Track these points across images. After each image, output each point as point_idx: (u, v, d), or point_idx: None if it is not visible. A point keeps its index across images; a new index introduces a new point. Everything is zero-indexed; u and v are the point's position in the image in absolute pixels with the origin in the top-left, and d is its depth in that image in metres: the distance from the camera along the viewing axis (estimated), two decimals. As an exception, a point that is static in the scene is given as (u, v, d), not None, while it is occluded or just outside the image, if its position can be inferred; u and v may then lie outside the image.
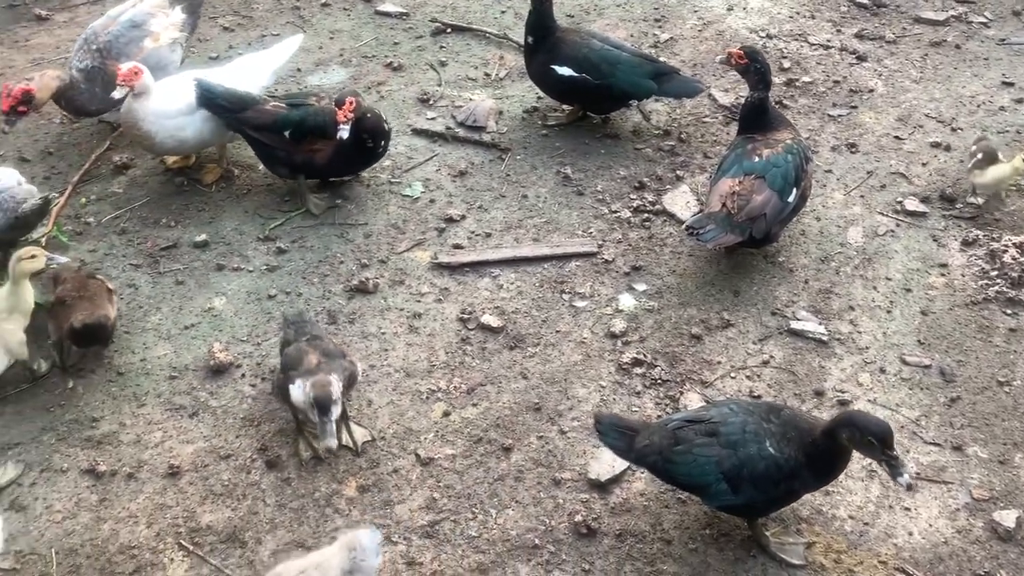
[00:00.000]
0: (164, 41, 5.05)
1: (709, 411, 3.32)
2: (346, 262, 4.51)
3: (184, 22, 5.25)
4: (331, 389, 3.26)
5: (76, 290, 3.83)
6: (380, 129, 4.66)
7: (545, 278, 4.45)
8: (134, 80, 4.49)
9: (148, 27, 5.06)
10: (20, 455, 3.60)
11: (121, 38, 4.97)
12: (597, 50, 5.14)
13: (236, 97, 4.61)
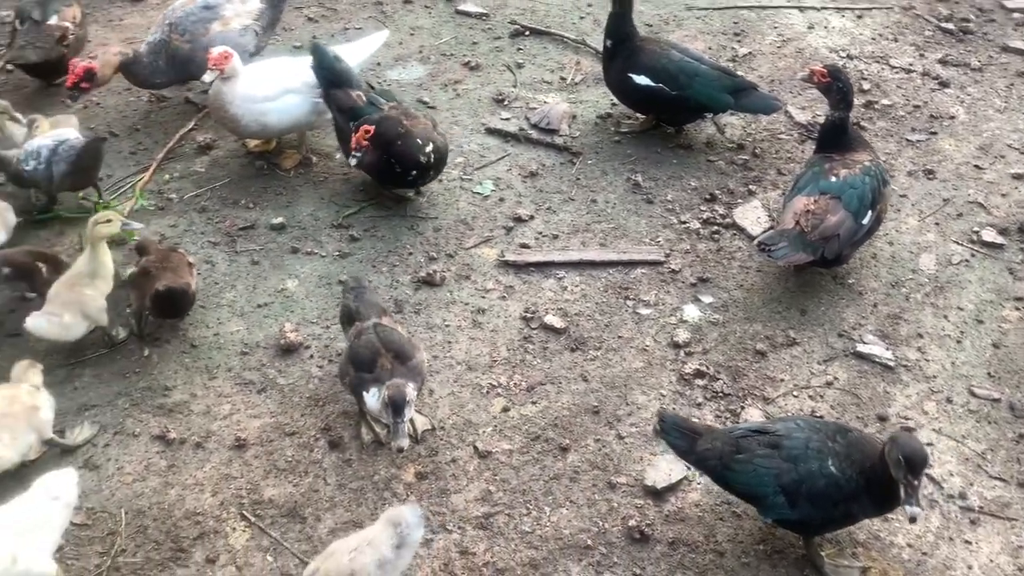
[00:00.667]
0: (234, 26, 5.16)
1: (775, 424, 3.31)
2: (415, 254, 4.59)
3: (261, 12, 5.32)
4: (405, 390, 3.30)
5: (159, 261, 3.97)
6: (409, 158, 4.50)
7: (610, 283, 4.47)
8: (223, 64, 4.63)
9: (221, 11, 5.19)
10: (96, 416, 3.74)
11: (191, 16, 5.12)
12: (676, 61, 5.15)
13: (339, 71, 4.74)
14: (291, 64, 4.95)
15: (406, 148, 4.50)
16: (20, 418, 3.40)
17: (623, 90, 5.29)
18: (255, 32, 5.29)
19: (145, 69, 5.04)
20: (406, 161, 4.52)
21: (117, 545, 3.30)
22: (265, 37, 5.42)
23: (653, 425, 3.75)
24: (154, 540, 3.33)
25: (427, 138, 4.55)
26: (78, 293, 3.81)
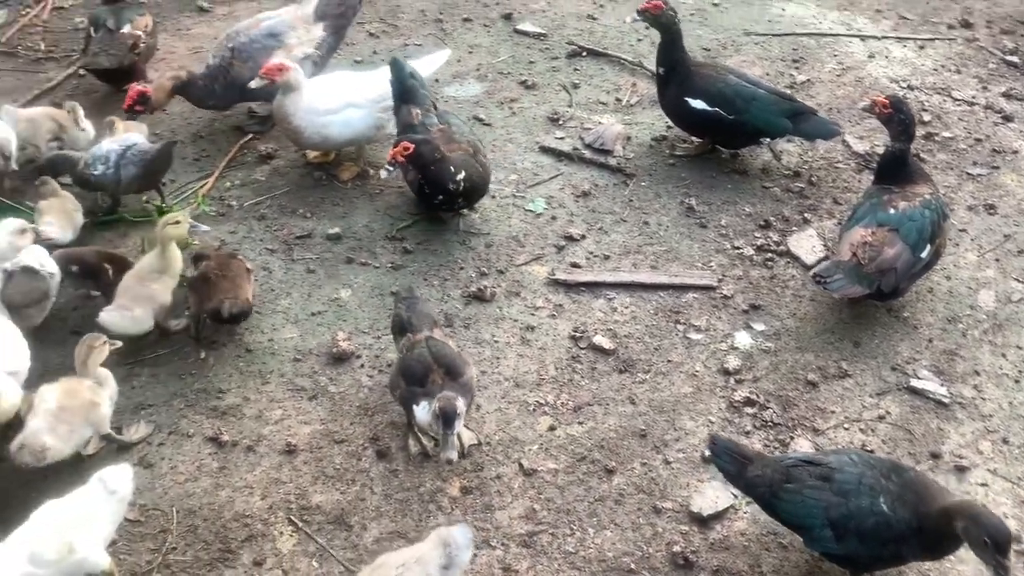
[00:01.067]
0: (296, 55, 5.23)
1: (828, 456, 3.27)
2: (466, 268, 4.63)
3: (322, 40, 5.38)
4: (456, 403, 3.33)
5: (219, 268, 4.06)
6: (439, 183, 4.48)
7: (660, 306, 4.46)
8: (276, 75, 4.72)
9: (284, 38, 5.27)
10: (151, 416, 3.83)
11: (255, 43, 5.21)
12: (732, 85, 5.14)
13: (407, 88, 4.82)
14: (354, 78, 5.05)
15: (438, 173, 4.46)
16: (78, 413, 3.50)
17: (679, 114, 5.30)
18: (314, 61, 5.36)
19: (199, 91, 5.15)
20: (436, 185, 4.51)
21: (168, 543, 3.37)
22: (323, 64, 5.46)
23: (705, 448, 3.74)
24: (204, 540, 3.40)
25: (462, 167, 4.50)
26: (147, 288, 3.95)
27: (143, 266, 4.05)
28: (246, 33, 5.26)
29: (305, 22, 5.39)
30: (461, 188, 4.52)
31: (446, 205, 4.66)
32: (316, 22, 5.41)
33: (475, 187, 4.62)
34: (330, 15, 5.43)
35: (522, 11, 6.76)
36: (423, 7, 6.80)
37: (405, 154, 4.38)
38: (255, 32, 5.26)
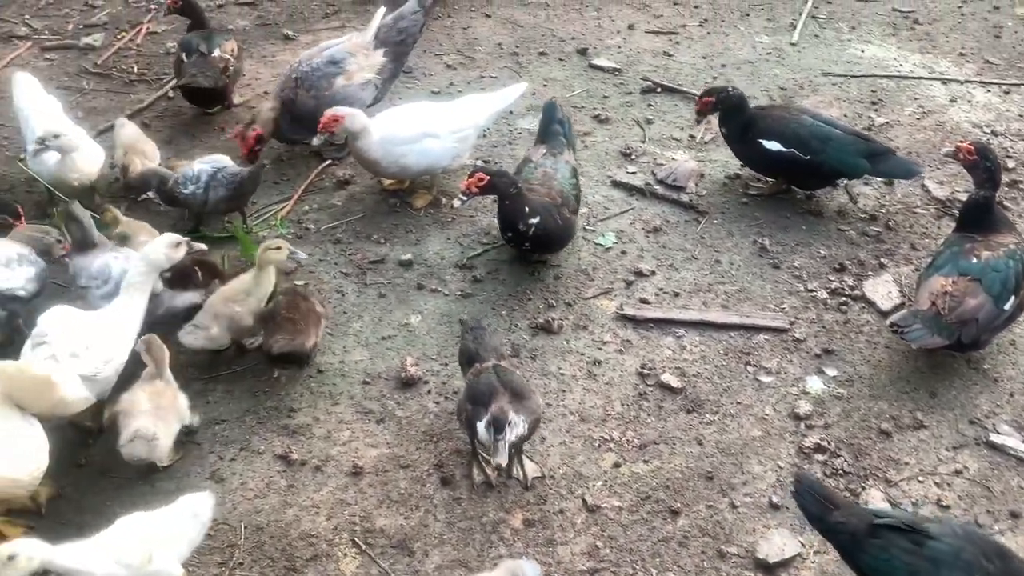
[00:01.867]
0: (356, 80, 5.35)
1: (929, 522, 3.13)
2: (534, 299, 4.65)
3: (383, 66, 5.48)
4: (508, 411, 3.38)
5: (287, 308, 4.05)
6: (508, 219, 4.51)
7: (730, 347, 4.41)
8: (332, 127, 4.80)
9: (345, 65, 5.38)
10: (225, 431, 3.92)
11: (316, 72, 5.33)
12: (807, 126, 5.09)
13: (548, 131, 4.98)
14: (432, 109, 5.15)
15: (509, 209, 4.47)
16: (170, 410, 3.67)
17: (752, 157, 5.26)
18: (375, 86, 5.45)
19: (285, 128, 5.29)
20: (506, 221, 4.52)
21: (235, 558, 3.43)
22: (385, 89, 5.56)
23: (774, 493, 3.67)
24: (270, 556, 3.45)
25: (538, 211, 4.45)
26: (230, 308, 4.06)
27: (234, 287, 4.15)
28: (308, 62, 5.40)
29: (365, 49, 5.49)
30: (532, 232, 4.48)
31: (514, 244, 4.66)
32: (376, 48, 5.50)
33: (548, 236, 4.55)
34: (391, 42, 5.54)
35: (597, 46, 6.82)
36: (500, 40, 6.91)
37: (479, 185, 4.43)
38: (317, 60, 5.39)
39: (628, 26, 7.13)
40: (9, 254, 4.06)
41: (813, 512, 3.21)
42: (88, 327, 3.71)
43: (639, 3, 7.48)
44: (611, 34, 7.02)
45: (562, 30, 7.05)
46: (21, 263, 4.07)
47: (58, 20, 7.01)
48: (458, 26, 7.08)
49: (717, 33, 7.12)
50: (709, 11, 7.43)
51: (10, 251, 4.08)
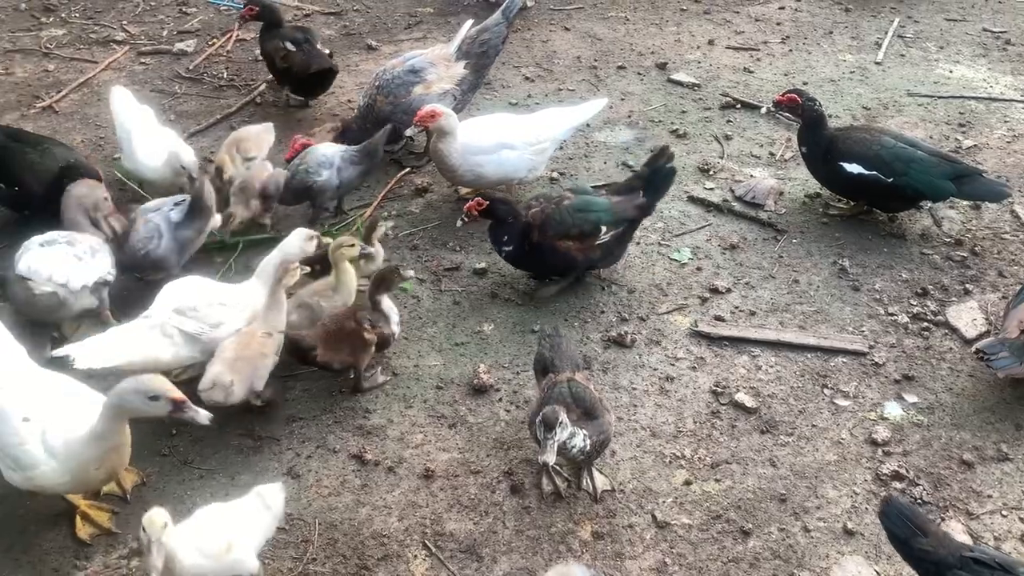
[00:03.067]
0: (434, 90, 5.44)
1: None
2: (607, 313, 4.65)
3: (463, 77, 5.56)
4: (559, 413, 3.38)
5: (334, 323, 4.06)
6: (499, 242, 4.55)
7: (807, 368, 4.34)
8: (428, 122, 4.91)
9: (424, 75, 5.48)
10: (302, 428, 4.01)
11: (396, 80, 5.45)
12: (889, 147, 4.99)
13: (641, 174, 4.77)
14: (510, 120, 5.20)
15: (502, 232, 4.51)
16: (250, 362, 3.84)
17: (833, 180, 5.17)
18: (453, 96, 5.51)
19: (356, 134, 5.40)
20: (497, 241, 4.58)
21: (309, 553, 3.51)
22: (464, 100, 5.63)
23: (849, 518, 3.60)
24: (342, 554, 3.52)
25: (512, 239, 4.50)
26: (313, 302, 4.21)
27: (321, 283, 4.29)
28: (390, 71, 5.52)
29: (447, 60, 5.58)
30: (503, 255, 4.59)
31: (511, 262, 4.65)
32: (458, 60, 5.59)
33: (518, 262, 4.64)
34: (472, 54, 5.62)
35: (677, 61, 6.81)
36: (578, 54, 6.95)
37: (478, 209, 4.50)
38: (398, 69, 5.51)
39: (708, 41, 7.10)
40: (87, 245, 4.21)
41: (899, 536, 3.12)
42: (205, 293, 3.96)
43: (720, 19, 7.44)
44: (691, 49, 7.00)
45: (641, 44, 7.06)
46: (98, 252, 4.23)
47: (153, 26, 7.30)
48: (537, 39, 7.14)
49: (799, 50, 7.03)
50: (791, 28, 7.35)
51: (87, 243, 4.23)
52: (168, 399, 3.17)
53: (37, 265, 4.02)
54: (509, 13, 5.70)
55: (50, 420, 3.32)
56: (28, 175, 4.86)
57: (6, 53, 6.88)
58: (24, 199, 4.87)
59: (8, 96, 6.35)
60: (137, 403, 3.18)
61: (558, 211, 4.51)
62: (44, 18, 7.38)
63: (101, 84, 6.52)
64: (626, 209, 4.56)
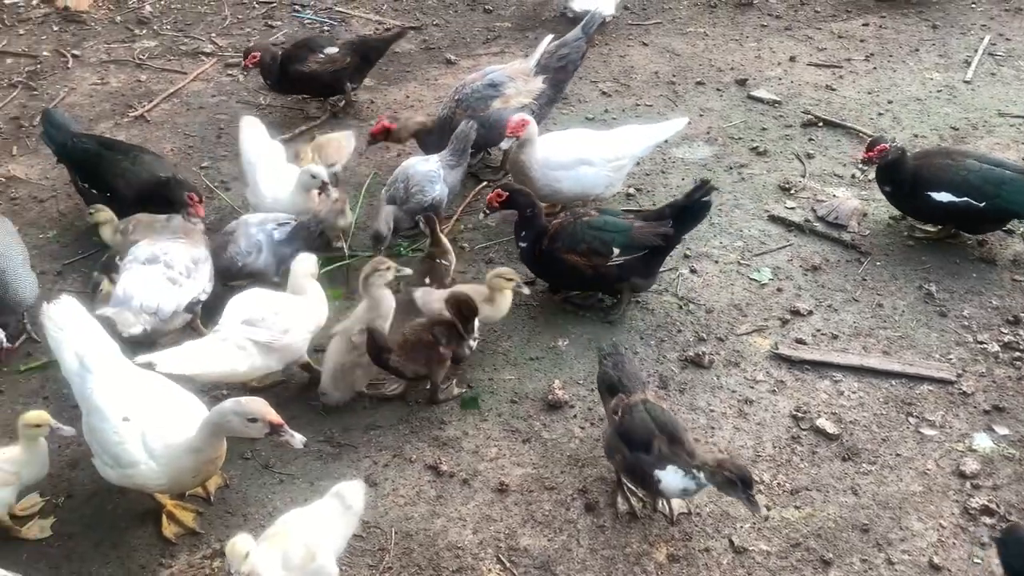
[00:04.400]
0: (512, 104, 5.44)
1: None
2: (684, 332, 4.60)
3: (541, 92, 5.56)
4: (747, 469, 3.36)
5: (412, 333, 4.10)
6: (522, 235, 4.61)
7: (891, 395, 4.23)
8: (520, 131, 4.95)
9: (503, 89, 5.50)
10: (379, 436, 4.06)
11: (476, 94, 5.48)
12: (976, 171, 4.84)
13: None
14: (589, 136, 5.20)
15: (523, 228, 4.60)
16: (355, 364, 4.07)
17: (922, 211, 5.03)
18: (532, 111, 5.51)
19: (432, 141, 5.47)
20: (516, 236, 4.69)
21: (385, 562, 3.55)
22: (542, 114, 5.64)
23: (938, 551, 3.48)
24: (417, 564, 3.55)
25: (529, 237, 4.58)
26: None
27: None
28: (470, 85, 5.56)
29: (526, 74, 5.60)
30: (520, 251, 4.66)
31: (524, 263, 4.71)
32: (537, 75, 5.60)
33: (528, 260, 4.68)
34: (551, 68, 5.62)
35: (757, 78, 6.73)
36: (656, 69, 6.92)
37: (499, 200, 4.55)
38: (477, 83, 5.55)
39: (789, 58, 7.00)
40: (188, 262, 4.32)
41: (1015, 566, 3.00)
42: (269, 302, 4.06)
43: (801, 35, 7.33)
44: (771, 65, 6.91)
45: (721, 60, 6.99)
46: (195, 270, 4.34)
47: (240, 38, 7.52)
48: (615, 54, 7.13)
49: (884, 68, 6.88)
50: (876, 45, 7.20)
51: (188, 259, 4.34)
52: (266, 422, 3.26)
53: (132, 290, 4.15)
54: (589, 29, 5.71)
55: (149, 421, 3.44)
56: (119, 181, 5.04)
57: (102, 64, 7.17)
58: (115, 205, 5.06)
59: (103, 105, 6.62)
60: (236, 424, 3.29)
61: (573, 225, 4.51)
62: (137, 30, 7.67)
63: (190, 94, 6.75)
64: (647, 236, 4.44)
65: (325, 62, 6.13)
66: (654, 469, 3.42)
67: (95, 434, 3.48)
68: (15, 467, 3.56)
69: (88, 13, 7.89)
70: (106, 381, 3.54)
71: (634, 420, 3.55)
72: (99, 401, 3.47)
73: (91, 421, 3.49)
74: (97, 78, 6.96)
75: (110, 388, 3.51)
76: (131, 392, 3.52)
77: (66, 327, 3.66)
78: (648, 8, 7.84)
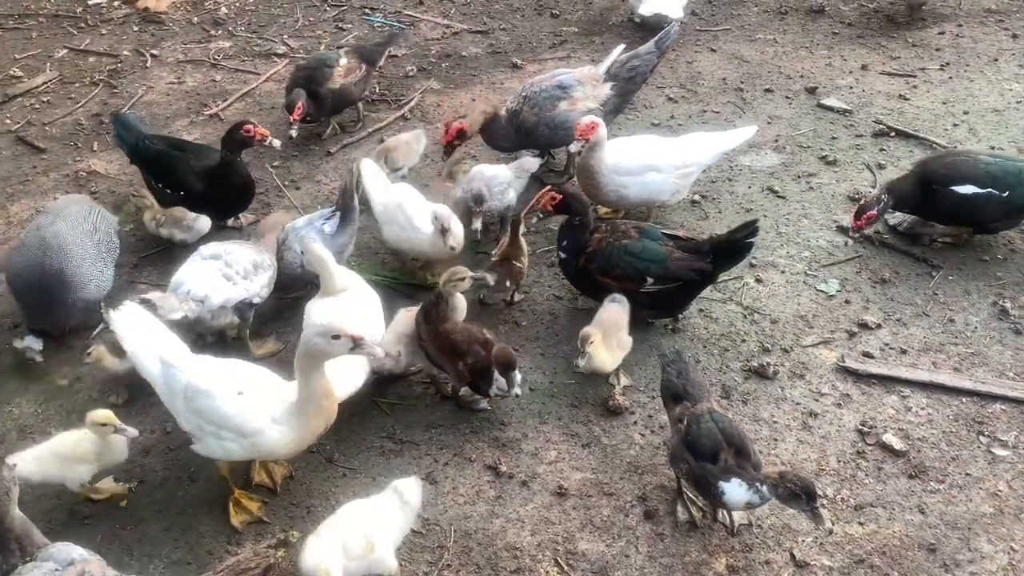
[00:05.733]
0: (579, 108, 5.44)
1: None
2: (748, 342, 4.56)
3: (608, 99, 5.56)
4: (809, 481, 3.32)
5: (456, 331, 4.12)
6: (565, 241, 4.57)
7: (961, 413, 4.12)
8: (590, 134, 4.96)
9: (571, 92, 5.50)
10: (440, 435, 4.11)
11: (543, 94, 5.49)
12: (994, 163, 4.83)
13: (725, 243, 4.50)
14: (657, 143, 5.17)
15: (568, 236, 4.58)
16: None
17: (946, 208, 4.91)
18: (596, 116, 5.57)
19: (500, 131, 5.51)
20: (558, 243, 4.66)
21: (444, 559, 3.59)
22: (607, 121, 5.56)
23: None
24: (476, 563, 3.58)
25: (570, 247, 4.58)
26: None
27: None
28: (538, 84, 5.59)
29: (594, 80, 5.60)
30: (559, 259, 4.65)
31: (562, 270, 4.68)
32: (605, 81, 5.60)
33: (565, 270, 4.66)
34: (621, 78, 5.62)
35: (828, 86, 6.62)
36: (724, 75, 6.86)
37: (553, 204, 4.54)
38: (546, 83, 5.57)
39: (861, 66, 6.87)
40: (248, 264, 4.41)
41: None
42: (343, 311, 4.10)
43: (874, 43, 7.19)
44: (842, 74, 6.79)
45: (790, 67, 6.90)
46: (258, 271, 4.44)
47: (311, 40, 7.68)
48: (682, 59, 7.10)
49: (960, 78, 6.71)
50: (952, 54, 7.02)
51: (250, 259, 4.43)
52: (348, 337, 3.41)
53: (185, 277, 4.29)
54: (663, 44, 5.69)
55: (257, 391, 3.58)
56: (191, 178, 5.18)
57: (179, 63, 7.39)
58: (189, 203, 5.20)
59: (179, 104, 6.83)
60: (323, 344, 3.41)
61: (610, 247, 4.45)
62: (213, 31, 7.89)
63: (263, 94, 6.91)
64: (682, 268, 4.36)
65: (346, 74, 6.12)
66: (719, 480, 3.40)
67: (207, 415, 3.54)
68: (95, 447, 3.71)
69: (167, 14, 8.15)
70: (197, 367, 3.64)
71: (701, 430, 3.52)
72: (202, 384, 3.57)
73: (197, 405, 3.55)
74: (174, 77, 7.19)
75: (205, 372, 3.62)
76: (225, 372, 3.64)
77: (137, 331, 3.74)
78: (717, 14, 7.77)
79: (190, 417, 3.59)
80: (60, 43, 7.71)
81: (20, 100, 6.92)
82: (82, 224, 4.72)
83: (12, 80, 7.17)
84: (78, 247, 4.57)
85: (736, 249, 4.37)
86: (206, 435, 3.58)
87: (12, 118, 6.71)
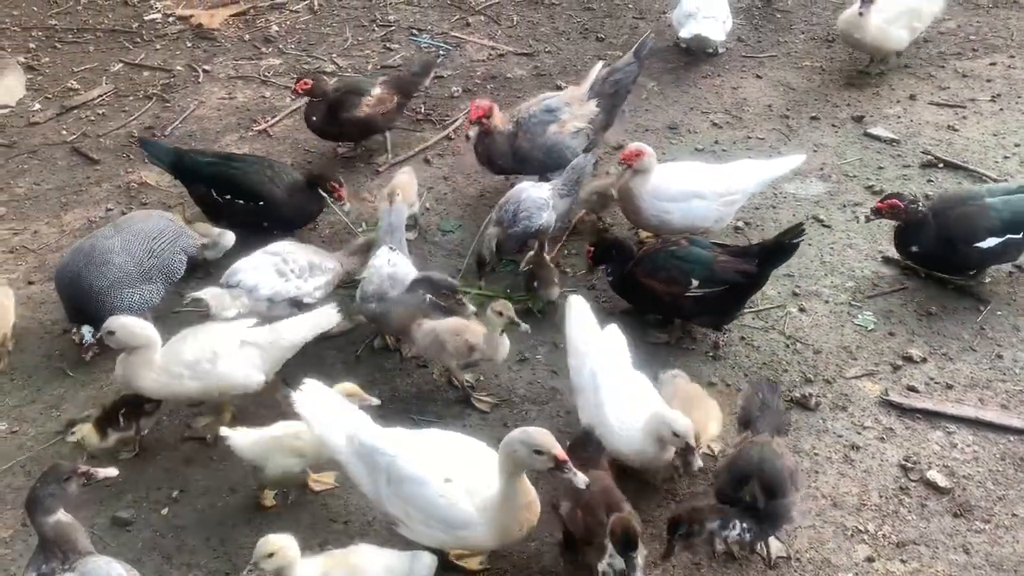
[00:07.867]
0: (568, 129, 5.49)
1: None
2: (790, 372, 4.51)
3: (594, 116, 5.59)
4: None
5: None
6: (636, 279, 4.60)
7: (1008, 451, 4.04)
8: (634, 160, 4.97)
9: (559, 114, 5.55)
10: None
11: (533, 118, 5.53)
12: (1001, 207, 4.73)
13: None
14: (702, 169, 5.17)
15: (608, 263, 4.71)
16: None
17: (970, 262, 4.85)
18: (587, 135, 5.58)
19: (497, 151, 5.50)
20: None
21: (479, 580, 3.59)
22: (596, 137, 5.70)
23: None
24: (510, 586, 3.58)
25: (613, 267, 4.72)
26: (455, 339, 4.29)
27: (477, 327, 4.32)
28: (527, 109, 5.63)
29: (580, 99, 5.65)
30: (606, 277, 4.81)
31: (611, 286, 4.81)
32: (590, 99, 5.63)
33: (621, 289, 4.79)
34: (604, 94, 5.66)
35: (875, 115, 6.57)
36: (770, 102, 6.83)
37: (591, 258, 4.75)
38: (534, 109, 5.61)
39: (909, 96, 6.80)
40: (304, 263, 4.53)
41: None
42: None
43: (923, 72, 7.12)
44: (890, 103, 6.73)
45: (837, 95, 6.85)
46: (314, 272, 4.55)
47: (359, 60, 7.80)
48: (727, 85, 7.08)
49: (1011, 109, 6.61)
50: (1003, 85, 6.93)
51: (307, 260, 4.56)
52: (551, 455, 3.08)
53: (240, 266, 4.44)
54: (640, 52, 5.75)
55: (469, 479, 3.30)
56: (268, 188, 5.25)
57: (230, 79, 7.55)
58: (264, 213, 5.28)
59: (229, 119, 6.97)
60: (523, 455, 3.11)
61: (658, 252, 4.52)
62: (264, 48, 8.05)
63: (310, 112, 7.02)
64: (728, 271, 4.35)
65: (375, 104, 6.09)
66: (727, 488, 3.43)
67: (415, 501, 3.29)
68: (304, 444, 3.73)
69: (219, 31, 8.33)
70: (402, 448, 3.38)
71: (741, 456, 3.52)
72: (412, 469, 3.31)
73: (406, 492, 3.31)
74: (225, 92, 7.34)
75: (411, 453, 3.36)
76: (430, 451, 3.39)
77: (323, 410, 3.51)
78: (763, 41, 7.76)
79: (396, 503, 3.34)
80: (116, 57, 7.91)
81: (76, 112, 7.11)
82: (140, 245, 4.65)
83: (69, 92, 7.37)
84: (119, 269, 4.53)
85: (782, 251, 4.39)
86: (414, 522, 3.31)
87: (68, 129, 6.90)
